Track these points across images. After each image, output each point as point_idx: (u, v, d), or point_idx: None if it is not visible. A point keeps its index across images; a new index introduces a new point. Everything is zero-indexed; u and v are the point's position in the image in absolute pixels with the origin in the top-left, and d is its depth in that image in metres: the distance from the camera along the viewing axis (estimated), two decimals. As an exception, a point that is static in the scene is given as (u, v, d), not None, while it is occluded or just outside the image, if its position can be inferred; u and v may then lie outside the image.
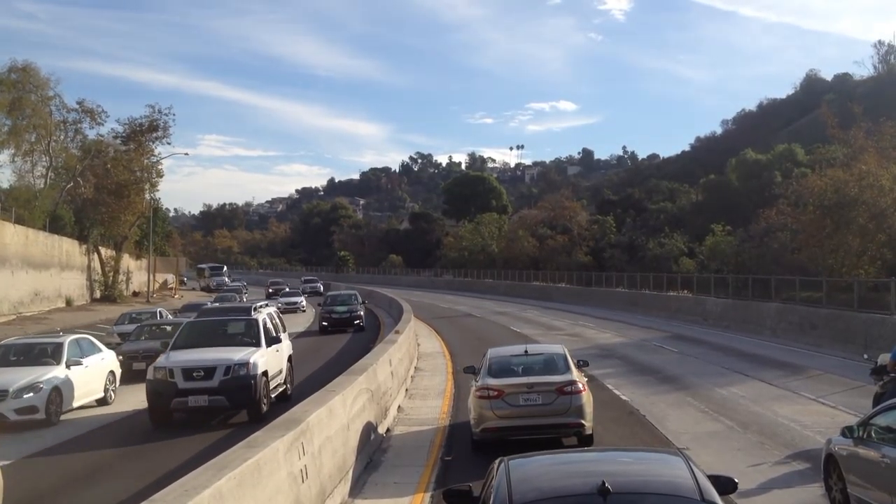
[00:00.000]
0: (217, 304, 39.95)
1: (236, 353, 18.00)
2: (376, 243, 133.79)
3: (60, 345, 19.75)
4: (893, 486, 8.64)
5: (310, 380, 22.73)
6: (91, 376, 19.94)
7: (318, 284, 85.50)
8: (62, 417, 18.35)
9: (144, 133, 64.71)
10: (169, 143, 67.15)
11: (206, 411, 17.47)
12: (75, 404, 19.02)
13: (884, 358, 13.59)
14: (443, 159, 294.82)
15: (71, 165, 64.34)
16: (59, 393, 18.26)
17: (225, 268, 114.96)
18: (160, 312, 36.88)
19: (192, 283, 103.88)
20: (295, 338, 34.83)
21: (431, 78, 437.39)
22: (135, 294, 70.18)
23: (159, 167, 68.15)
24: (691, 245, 69.35)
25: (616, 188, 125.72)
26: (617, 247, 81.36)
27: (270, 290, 68.95)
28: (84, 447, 16.16)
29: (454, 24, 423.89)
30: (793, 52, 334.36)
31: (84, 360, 19.75)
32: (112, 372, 21.36)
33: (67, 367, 18.95)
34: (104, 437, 17.09)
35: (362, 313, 41.95)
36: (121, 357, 23.49)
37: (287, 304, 55.15)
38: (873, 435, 9.42)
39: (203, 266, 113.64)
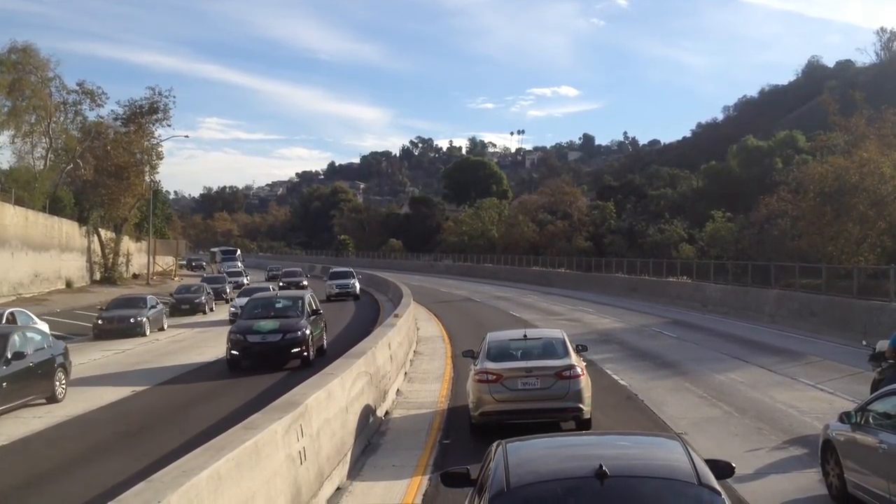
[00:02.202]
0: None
1: None
2: (376, 227, 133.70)
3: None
4: (890, 471, 8.66)
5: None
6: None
7: (354, 283, 52.83)
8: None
9: (144, 115, 64.66)
10: (169, 126, 67.37)
11: None
12: None
13: (882, 345, 13.60)
14: (443, 144, 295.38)
15: (71, 147, 64.22)
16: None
17: (238, 251, 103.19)
18: None
19: (209, 267, 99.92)
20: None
21: (433, 63, 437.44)
22: (135, 276, 70.20)
23: (159, 149, 68.21)
24: (691, 231, 69.28)
25: (616, 174, 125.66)
26: (617, 232, 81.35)
27: (282, 284, 54.08)
28: (86, 428, 16.16)
29: (456, 9, 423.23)
30: (795, 39, 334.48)
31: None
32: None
33: None
34: (106, 420, 17.07)
35: (308, 332, 23.33)
36: None
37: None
38: (871, 421, 9.43)
39: (215, 249, 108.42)
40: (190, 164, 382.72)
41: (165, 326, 35.54)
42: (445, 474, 6.77)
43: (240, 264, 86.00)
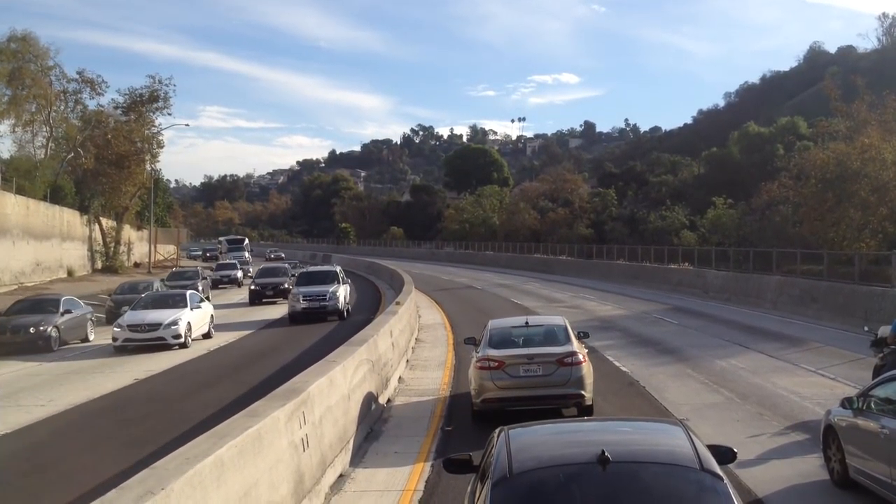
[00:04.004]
0: None
1: None
2: (377, 215, 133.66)
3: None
4: (892, 456, 8.67)
5: None
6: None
7: (335, 291, 32.66)
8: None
9: (145, 104, 64.52)
10: (169, 114, 67.19)
11: None
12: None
13: (884, 330, 13.60)
14: (444, 132, 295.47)
15: (71, 136, 64.12)
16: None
17: (246, 241, 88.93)
18: None
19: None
20: None
21: (434, 50, 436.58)
22: (136, 265, 70.22)
23: (160, 138, 68.06)
24: (692, 218, 69.17)
25: (618, 161, 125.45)
26: (618, 220, 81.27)
27: (255, 288, 40.33)
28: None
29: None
30: (796, 25, 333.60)
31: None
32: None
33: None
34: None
35: None
36: None
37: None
38: (872, 406, 9.43)
39: (222, 239, 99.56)
40: (190, 152, 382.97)
41: (91, 336, 28.43)
42: (448, 461, 6.79)
43: (246, 254, 77.21)
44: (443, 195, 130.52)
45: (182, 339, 25.61)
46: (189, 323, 26.30)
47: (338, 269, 36.18)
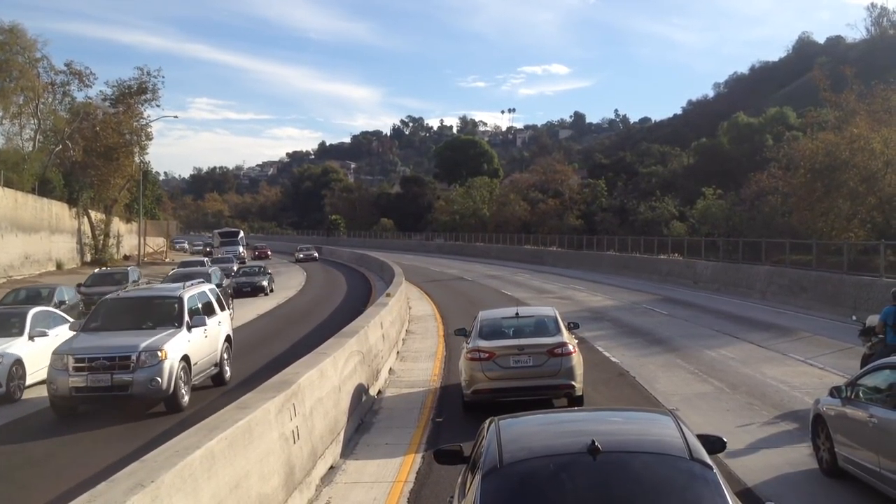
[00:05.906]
0: None
1: None
2: (367, 207, 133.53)
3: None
4: (880, 445, 8.71)
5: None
6: None
7: (154, 353, 14.50)
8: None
9: (133, 95, 64.26)
10: (158, 106, 66.93)
11: None
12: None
13: (872, 319, 13.66)
14: (434, 123, 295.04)
15: (60, 128, 63.80)
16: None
17: (241, 234, 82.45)
18: None
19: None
20: None
21: (424, 41, 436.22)
22: (126, 258, 69.98)
23: (149, 130, 67.86)
24: (682, 209, 69.22)
25: (608, 152, 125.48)
26: (608, 210, 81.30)
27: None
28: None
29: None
30: (786, 15, 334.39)
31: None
32: None
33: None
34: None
35: None
36: None
37: None
38: (861, 395, 9.48)
39: (216, 231, 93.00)
40: (180, 144, 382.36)
41: None
42: (438, 452, 6.79)
43: (241, 249, 71.82)
44: (433, 186, 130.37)
45: (2, 388, 16.07)
46: (19, 360, 16.67)
47: (191, 293, 17.19)
